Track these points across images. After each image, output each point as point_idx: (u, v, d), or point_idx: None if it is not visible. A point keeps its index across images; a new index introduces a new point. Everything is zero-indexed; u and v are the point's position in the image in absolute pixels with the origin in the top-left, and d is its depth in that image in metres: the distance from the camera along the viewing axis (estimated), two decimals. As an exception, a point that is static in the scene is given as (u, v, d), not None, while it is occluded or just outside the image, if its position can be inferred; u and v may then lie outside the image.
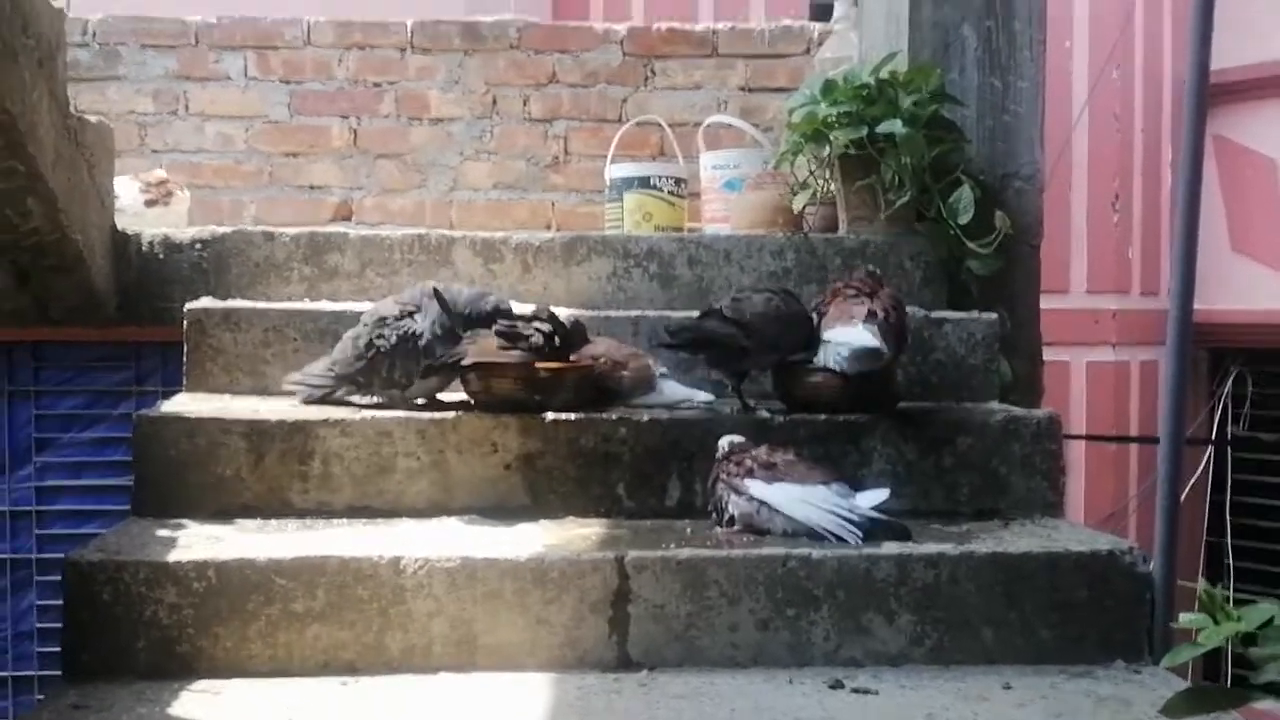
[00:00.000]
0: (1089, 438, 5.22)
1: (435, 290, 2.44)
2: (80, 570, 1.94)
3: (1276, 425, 5.42)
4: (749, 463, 2.22)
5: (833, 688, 1.96)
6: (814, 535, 2.14)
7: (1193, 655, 1.46)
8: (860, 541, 2.11)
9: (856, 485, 2.28)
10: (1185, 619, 1.48)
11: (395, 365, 2.40)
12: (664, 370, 2.55)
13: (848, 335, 2.39)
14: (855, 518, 2.15)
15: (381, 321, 2.43)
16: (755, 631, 2.05)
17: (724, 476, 2.24)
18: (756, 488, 2.19)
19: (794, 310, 2.51)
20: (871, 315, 2.41)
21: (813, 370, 2.47)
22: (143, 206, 3.24)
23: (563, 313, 2.56)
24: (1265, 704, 1.46)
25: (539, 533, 2.19)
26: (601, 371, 2.49)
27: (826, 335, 2.43)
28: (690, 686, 1.96)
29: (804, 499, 2.18)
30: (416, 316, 2.44)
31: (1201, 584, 1.42)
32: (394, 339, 2.40)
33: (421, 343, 2.38)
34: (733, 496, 2.22)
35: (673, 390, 2.54)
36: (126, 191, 3.21)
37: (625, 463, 2.34)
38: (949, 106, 3.02)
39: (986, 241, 2.91)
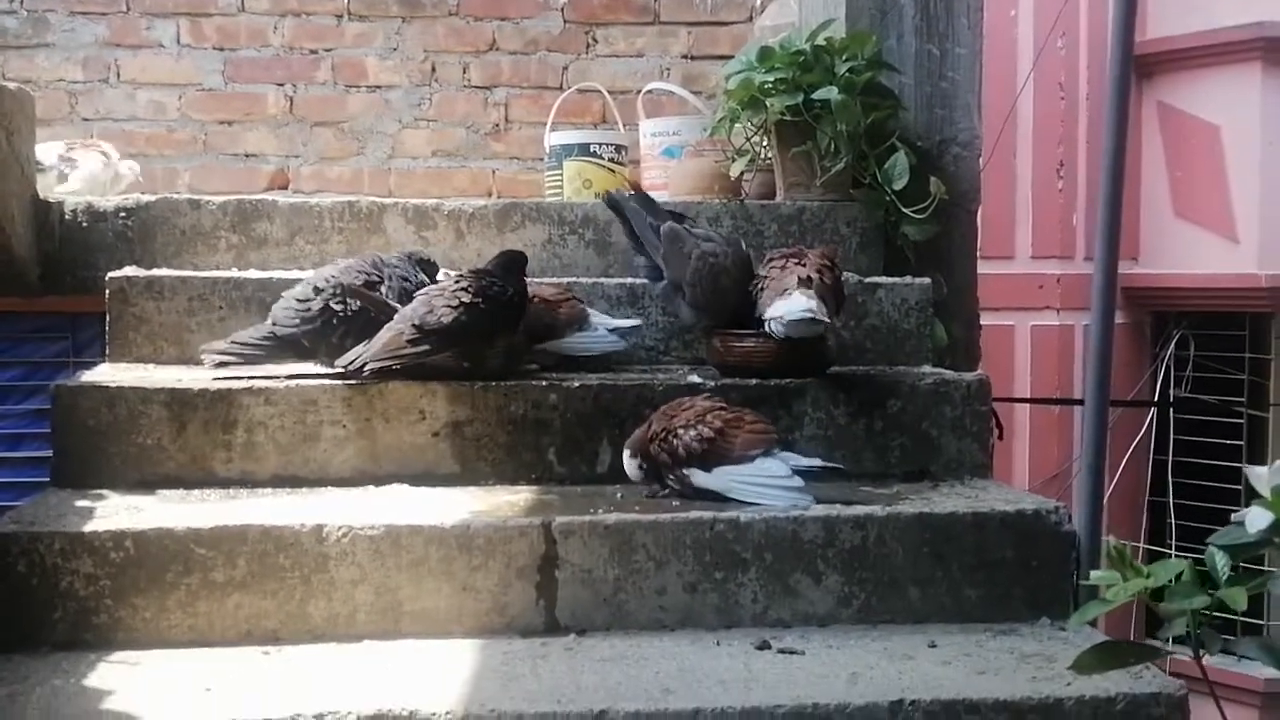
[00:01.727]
0: (1023, 400, 5.26)
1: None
2: (-7, 542, 1.91)
3: (1218, 387, 5.49)
4: (681, 450, 2.18)
5: (759, 649, 1.96)
6: None
7: (1100, 612, 1.47)
8: (813, 503, 2.11)
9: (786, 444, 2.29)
10: (1095, 576, 1.49)
11: (350, 334, 2.35)
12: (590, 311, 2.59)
13: (785, 308, 2.38)
14: (800, 484, 2.14)
15: (343, 289, 2.38)
16: (683, 594, 2.05)
17: (660, 456, 2.21)
18: (698, 477, 2.18)
19: (724, 285, 2.49)
20: (805, 282, 2.40)
21: (745, 335, 2.47)
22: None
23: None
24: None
25: (467, 499, 2.17)
26: (537, 311, 2.49)
27: (767, 314, 2.42)
28: (617, 650, 1.95)
29: (749, 481, 2.16)
30: (380, 288, 2.41)
31: (1111, 540, 1.43)
32: (357, 306, 2.36)
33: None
34: (670, 478, 2.21)
35: (601, 320, 2.57)
36: (49, 157, 3.14)
37: (556, 429, 2.33)
38: (885, 73, 3.01)
39: (922, 207, 2.91)
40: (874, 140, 2.95)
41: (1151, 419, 5.55)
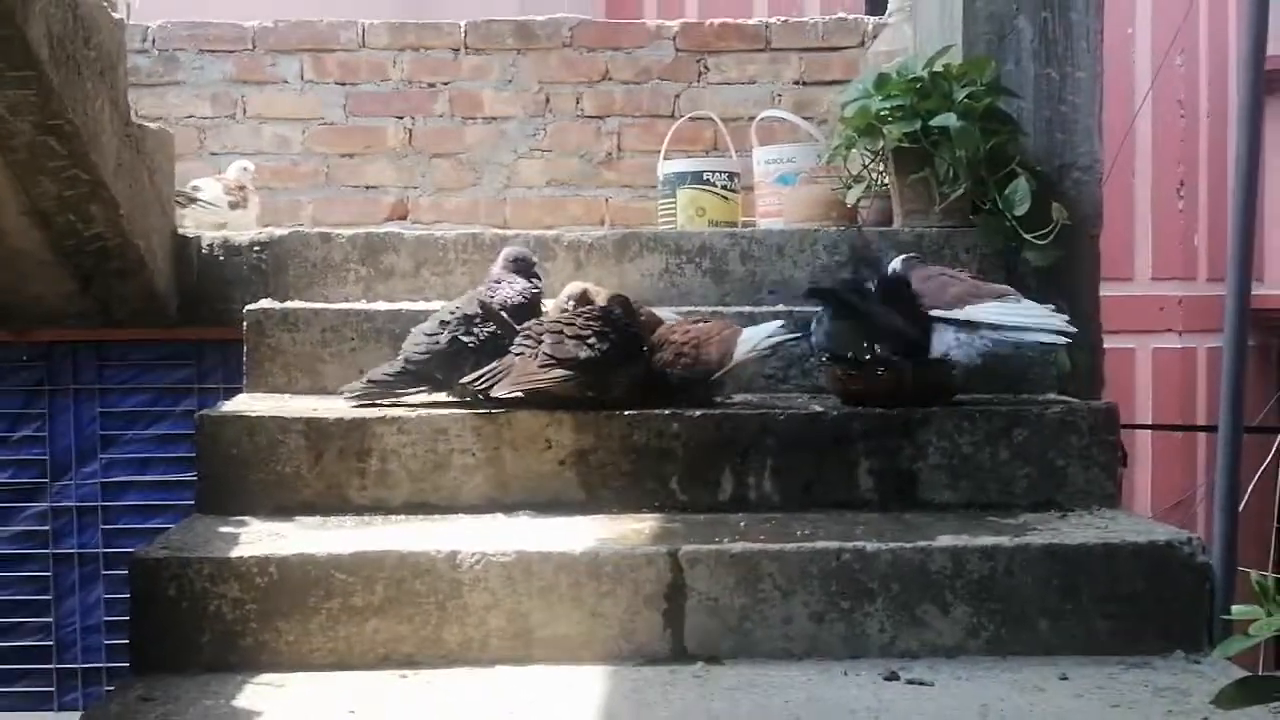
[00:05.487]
0: (1148, 427, 5.15)
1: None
2: (146, 567, 1.99)
3: (1347, 413, 5.32)
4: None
5: (888, 679, 1.96)
6: None
7: (1244, 647, 1.45)
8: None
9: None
10: (1237, 611, 1.46)
11: (479, 364, 2.41)
12: None
13: (1014, 315, 2.47)
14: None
15: (469, 320, 2.46)
16: (809, 624, 2.06)
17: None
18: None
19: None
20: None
21: (867, 364, 2.48)
22: (228, 208, 3.32)
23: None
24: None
25: (593, 527, 2.21)
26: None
27: (963, 313, 2.47)
28: (745, 678, 1.97)
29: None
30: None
31: (1254, 575, 1.41)
32: (484, 336, 2.44)
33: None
34: None
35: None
36: (212, 192, 3.28)
37: (679, 458, 2.35)
38: (1004, 99, 2.99)
39: (1044, 233, 2.88)
40: (993, 166, 2.93)
41: (1278, 446, 5.40)
